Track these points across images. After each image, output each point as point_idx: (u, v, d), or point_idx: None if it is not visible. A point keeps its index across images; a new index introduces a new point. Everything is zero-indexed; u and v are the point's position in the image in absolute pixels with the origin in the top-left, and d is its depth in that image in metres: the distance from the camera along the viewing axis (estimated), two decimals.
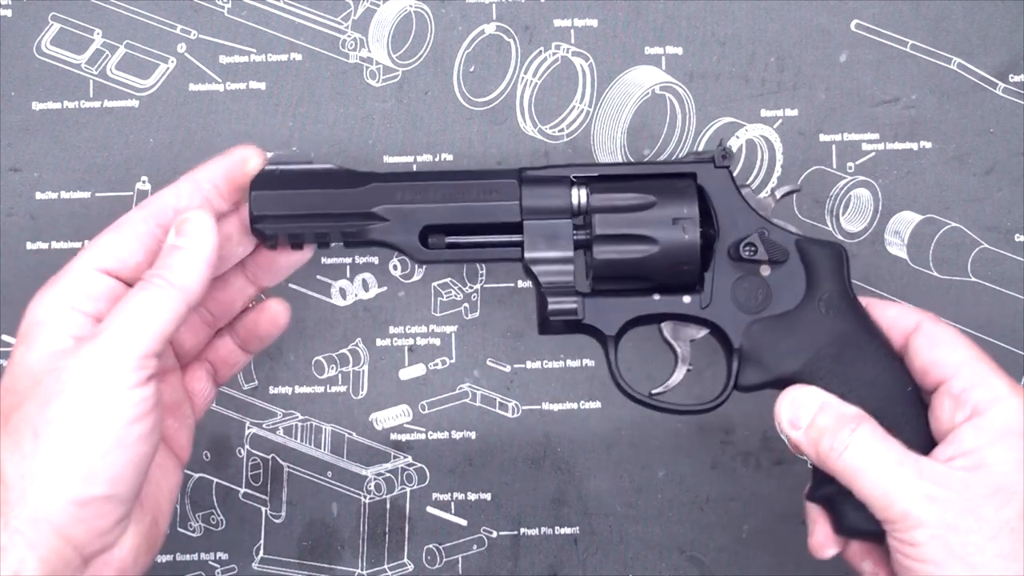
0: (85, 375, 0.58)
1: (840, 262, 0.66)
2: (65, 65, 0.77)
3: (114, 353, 0.58)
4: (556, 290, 0.66)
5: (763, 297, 0.66)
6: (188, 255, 0.61)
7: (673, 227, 0.65)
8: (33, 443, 0.57)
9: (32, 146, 0.77)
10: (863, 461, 0.60)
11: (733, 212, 0.66)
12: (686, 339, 0.67)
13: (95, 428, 0.57)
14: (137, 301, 0.60)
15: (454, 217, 0.66)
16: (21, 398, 0.59)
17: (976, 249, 0.77)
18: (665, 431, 0.77)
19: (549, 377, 0.78)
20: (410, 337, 0.78)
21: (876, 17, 0.77)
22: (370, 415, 0.78)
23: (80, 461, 0.57)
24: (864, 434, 0.61)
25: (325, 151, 0.77)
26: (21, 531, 0.57)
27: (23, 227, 0.77)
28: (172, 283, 0.60)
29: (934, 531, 0.58)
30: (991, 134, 0.77)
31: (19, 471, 0.57)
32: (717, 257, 0.66)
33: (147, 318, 0.59)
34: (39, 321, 0.61)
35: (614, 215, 0.65)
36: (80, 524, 0.57)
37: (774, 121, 0.77)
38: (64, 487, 0.57)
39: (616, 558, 0.78)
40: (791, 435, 0.63)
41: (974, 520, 0.58)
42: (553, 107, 0.78)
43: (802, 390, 0.64)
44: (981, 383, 0.62)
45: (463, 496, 0.78)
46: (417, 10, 0.77)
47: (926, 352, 0.63)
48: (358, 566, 0.77)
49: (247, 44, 0.78)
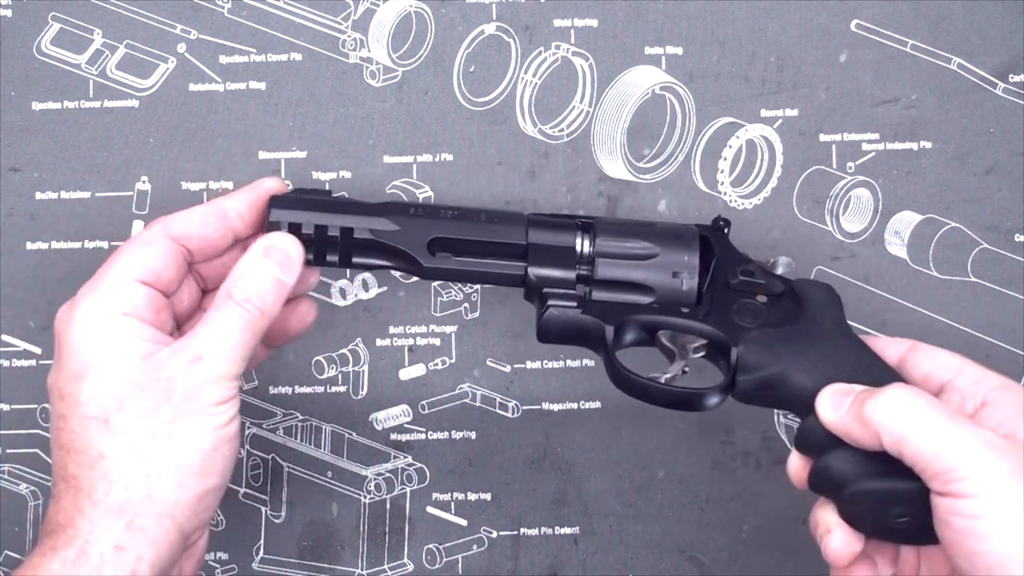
0: (194, 388, 0.62)
1: (836, 297, 0.67)
2: (65, 65, 0.77)
3: (217, 372, 0.63)
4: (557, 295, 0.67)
5: (762, 316, 0.67)
6: (278, 285, 0.65)
7: (673, 280, 0.67)
8: (151, 442, 0.61)
9: (32, 146, 0.77)
10: (914, 410, 0.57)
11: (731, 257, 0.68)
12: (683, 345, 0.68)
13: (206, 429, 0.62)
14: (232, 324, 0.64)
15: (463, 233, 0.68)
16: (115, 402, 0.62)
17: (976, 249, 0.77)
18: (665, 431, 0.78)
19: (549, 377, 0.78)
20: (410, 337, 0.78)
21: (876, 17, 0.77)
22: (370, 415, 0.78)
23: (199, 457, 0.62)
24: (907, 389, 0.59)
25: (325, 151, 0.77)
26: (144, 528, 0.60)
27: (23, 227, 0.77)
28: (263, 311, 0.65)
29: (988, 479, 0.54)
30: (991, 134, 0.77)
31: (142, 470, 0.61)
32: (715, 281, 0.67)
33: (241, 341, 0.64)
34: (94, 330, 0.63)
35: (617, 261, 0.67)
36: (194, 517, 0.63)
37: (774, 121, 0.77)
38: (190, 481, 0.62)
39: (616, 558, 0.78)
40: (831, 418, 0.60)
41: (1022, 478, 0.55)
42: (553, 107, 0.78)
43: (837, 384, 0.62)
44: (984, 377, 0.62)
45: (463, 496, 0.78)
46: (417, 10, 0.77)
47: (925, 362, 0.64)
48: (358, 566, 0.77)
49: (247, 44, 0.78)
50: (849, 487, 0.60)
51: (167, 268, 0.66)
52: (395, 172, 0.77)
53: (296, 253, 0.66)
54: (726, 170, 0.77)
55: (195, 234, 0.67)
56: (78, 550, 0.60)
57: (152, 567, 0.61)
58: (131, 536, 0.60)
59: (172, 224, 0.67)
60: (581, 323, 0.67)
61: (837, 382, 0.62)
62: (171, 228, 0.67)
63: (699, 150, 0.77)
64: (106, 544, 0.60)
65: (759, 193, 0.77)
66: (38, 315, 0.77)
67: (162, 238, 0.67)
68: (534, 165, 0.77)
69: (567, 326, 0.67)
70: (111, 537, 0.60)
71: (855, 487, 0.60)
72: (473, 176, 0.77)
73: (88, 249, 0.77)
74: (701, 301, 0.67)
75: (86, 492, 0.61)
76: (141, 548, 0.60)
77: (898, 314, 0.77)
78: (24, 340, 0.77)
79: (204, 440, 0.62)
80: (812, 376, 0.64)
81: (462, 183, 0.77)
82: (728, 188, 0.77)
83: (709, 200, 0.77)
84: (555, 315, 0.66)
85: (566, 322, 0.67)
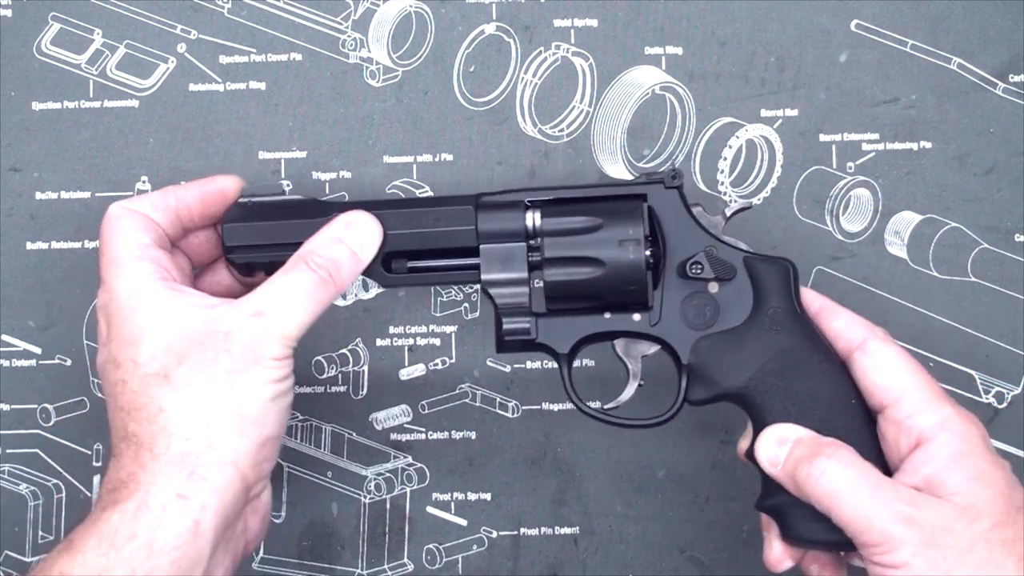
0: (253, 341, 0.62)
1: (787, 277, 0.67)
2: (65, 65, 0.77)
3: (278, 329, 0.63)
4: (511, 311, 0.67)
5: (711, 314, 0.67)
6: (353, 259, 0.66)
7: (619, 248, 0.66)
8: (211, 391, 0.61)
9: (32, 146, 0.77)
10: (841, 485, 0.61)
11: (682, 231, 0.67)
12: (638, 355, 0.68)
13: (265, 381, 0.62)
14: (299, 284, 0.64)
15: (414, 244, 0.68)
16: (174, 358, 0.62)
17: (976, 249, 0.77)
18: (665, 431, 0.77)
19: (549, 377, 0.78)
20: (410, 337, 0.78)
21: (876, 17, 0.77)
22: (370, 415, 0.78)
23: (257, 406, 0.62)
24: (842, 458, 0.61)
25: (325, 151, 0.77)
26: (207, 478, 0.60)
27: (23, 227, 0.77)
28: (336, 283, 0.65)
29: (915, 549, 0.58)
30: (991, 134, 0.77)
31: (202, 420, 0.61)
32: (666, 275, 0.67)
33: (305, 304, 0.64)
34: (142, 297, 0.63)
35: (563, 238, 0.67)
36: (256, 466, 0.62)
37: (774, 121, 0.77)
38: (250, 429, 0.62)
39: (616, 558, 0.78)
40: (770, 472, 0.64)
41: (950, 536, 0.58)
42: (553, 107, 0.78)
43: (778, 428, 0.64)
44: (923, 409, 0.62)
45: (463, 496, 0.78)
46: (417, 10, 0.77)
47: (870, 374, 0.64)
48: (358, 566, 0.77)
49: (247, 44, 0.78)
50: (795, 532, 0.64)
51: (157, 229, 0.66)
52: (395, 172, 0.77)
53: (376, 236, 0.67)
54: (726, 170, 0.77)
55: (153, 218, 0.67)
56: (139, 501, 0.59)
57: (216, 516, 0.60)
58: (193, 485, 0.60)
59: (134, 205, 0.67)
60: (536, 346, 0.68)
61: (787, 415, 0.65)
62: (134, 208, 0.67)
63: (699, 150, 0.77)
64: (168, 494, 0.60)
65: (759, 193, 0.77)
66: (38, 315, 0.77)
67: (131, 212, 0.66)
68: (534, 165, 0.77)
69: (523, 347, 0.68)
70: (173, 487, 0.60)
71: (802, 534, 0.64)
72: (473, 176, 0.77)
73: (88, 249, 0.77)
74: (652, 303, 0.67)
75: (147, 447, 0.61)
76: (204, 497, 0.60)
77: (898, 314, 0.77)
78: (24, 340, 0.77)
79: (263, 390, 0.62)
80: (761, 394, 0.65)
81: (462, 183, 0.77)
82: (728, 188, 0.77)
83: (709, 200, 0.77)
84: (510, 341, 0.67)
85: (521, 344, 0.68)
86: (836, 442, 0.63)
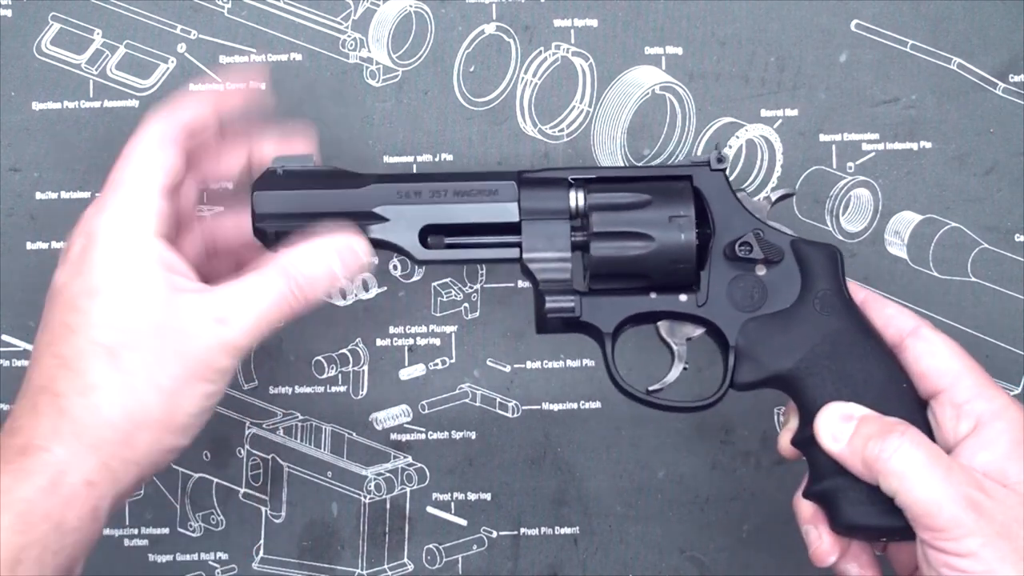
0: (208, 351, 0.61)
1: (835, 262, 0.66)
2: (65, 65, 0.77)
3: (236, 341, 0.61)
4: (554, 288, 0.66)
5: (759, 296, 0.66)
6: (331, 281, 0.64)
7: (669, 225, 0.65)
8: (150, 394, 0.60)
9: (32, 146, 0.77)
10: (914, 464, 0.59)
11: (729, 214, 0.66)
12: (683, 337, 0.68)
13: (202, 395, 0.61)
14: (270, 294, 0.62)
15: (453, 217, 0.66)
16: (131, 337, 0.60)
17: (976, 249, 0.77)
18: (665, 431, 0.78)
19: (549, 377, 0.78)
20: (410, 337, 0.78)
21: (876, 17, 0.77)
22: (370, 415, 0.78)
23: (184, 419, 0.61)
24: (915, 438, 0.60)
25: (325, 151, 0.77)
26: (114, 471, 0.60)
27: (23, 227, 0.77)
28: (307, 300, 0.64)
29: (985, 539, 0.57)
30: (991, 134, 0.77)
31: (131, 417, 0.60)
32: (713, 256, 0.66)
33: (271, 315, 0.62)
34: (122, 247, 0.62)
35: (611, 213, 0.66)
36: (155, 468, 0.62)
37: (774, 121, 0.77)
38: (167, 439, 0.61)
39: (616, 558, 0.78)
40: (832, 449, 0.62)
41: (1020, 528, 0.57)
42: (553, 107, 0.78)
43: (841, 405, 0.63)
44: (981, 395, 0.61)
45: (463, 496, 0.78)
46: (417, 10, 0.77)
47: (925, 359, 0.64)
48: (358, 566, 0.77)
49: (247, 44, 0.78)
50: (847, 517, 0.63)
51: (181, 171, 0.64)
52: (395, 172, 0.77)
53: (362, 262, 0.65)
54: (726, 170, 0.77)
55: (199, 127, 0.66)
56: (52, 479, 0.58)
57: (111, 506, 0.60)
58: (101, 475, 0.60)
59: (181, 116, 0.65)
60: (579, 325, 0.66)
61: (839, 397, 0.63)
62: (182, 120, 0.65)
63: (699, 150, 0.77)
64: (79, 478, 0.59)
65: (759, 193, 0.77)
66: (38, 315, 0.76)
67: (174, 138, 0.64)
68: (534, 165, 0.77)
69: (565, 326, 0.67)
70: (84, 471, 0.59)
71: (854, 520, 0.63)
72: None
73: None
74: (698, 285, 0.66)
75: (70, 417, 0.59)
76: (107, 487, 0.60)
77: None
78: (24, 340, 0.77)
79: (196, 404, 0.61)
80: (812, 376, 0.64)
81: None
82: None
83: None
84: (552, 319, 0.66)
85: (564, 323, 0.66)
86: (904, 422, 0.61)
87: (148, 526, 0.78)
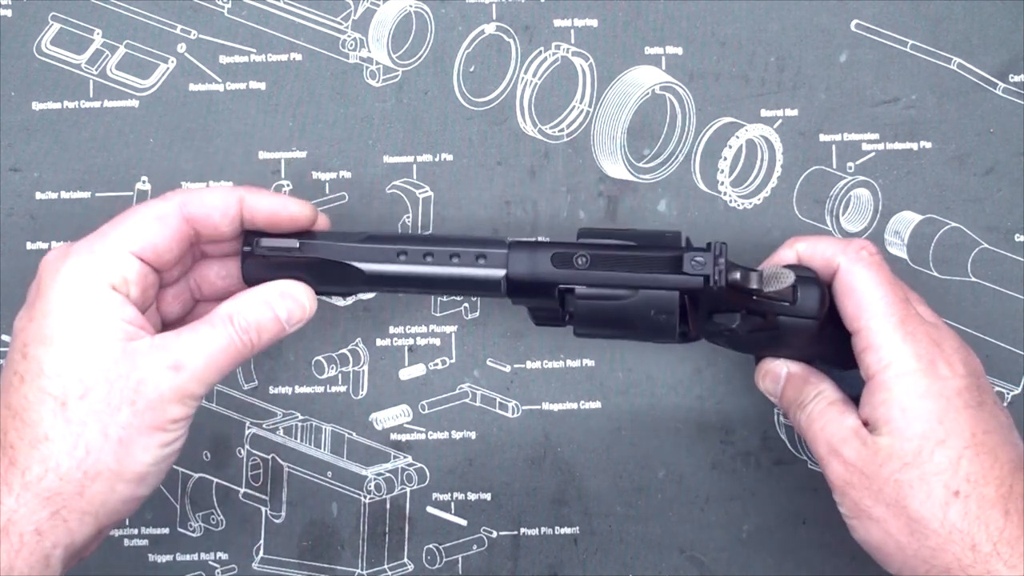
0: (161, 399, 0.61)
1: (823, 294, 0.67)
2: (65, 65, 0.77)
3: (190, 388, 0.62)
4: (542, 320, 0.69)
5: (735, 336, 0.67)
6: (278, 330, 0.65)
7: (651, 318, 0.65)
8: (101, 443, 0.60)
9: (32, 146, 0.77)
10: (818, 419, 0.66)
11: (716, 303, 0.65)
12: None
13: (157, 445, 0.62)
14: (221, 345, 0.63)
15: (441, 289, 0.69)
16: (80, 387, 0.60)
17: (976, 249, 0.77)
18: (665, 431, 0.77)
19: (549, 377, 0.78)
20: (410, 337, 0.78)
21: (876, 17, 0.77)
22: (370, 415, 0.78)
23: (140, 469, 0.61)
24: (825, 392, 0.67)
25: (325, 151, 0.77)
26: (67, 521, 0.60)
27: (23, 227, 0.77)
28: (254, 346, 0.64)
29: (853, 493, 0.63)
30: (991, 134, 0.77)
31: (82, 468, 0.60)
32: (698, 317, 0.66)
33: (223, 365, 0.63)
34: (77, 295, 0.62)
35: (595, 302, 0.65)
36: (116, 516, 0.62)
37: (774, 121, 0.77)
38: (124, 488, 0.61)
39: (616, 558, 0.78)
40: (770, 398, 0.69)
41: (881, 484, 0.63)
42: (553, 107, 0.78)
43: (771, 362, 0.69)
44: (878, 344, 0.64)
45: (463, 496, 0.78)
46: (417, 10, 0.77)
47: (839, 300, 0.66)
48: (358, 566, 0.77)
49: (247, 44, 0.78)
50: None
51: (170, 249, 0.64)
52: (395, 172, 0.77)
53: (308, 312, 0.66)
54: (726, 170, 0.77)
55: (211, 221, 0.65)
56: (1, 528, 0.59)
57: (65, 554, 0.60)
58: (53, 525, 0.60)
59: (191, 203, 0.65)
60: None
61: None
62: (189, 207, 0.65)
63: (699, 150, 0.77)
64: (28, 526, 0.59)
65: (759, 193, 0.77)
66: None
67: (176, 216, 0.65)
68: (534, 165, 0.77)
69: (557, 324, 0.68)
70: (34, 521, 0.59)
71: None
72: (473, 176, 0.77)
73: None
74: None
75: (20, 468, 0.60)
76: (59, 536, 0.60)
77: None
78: None
79: (151, 454, 0.61)
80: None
81: (462, 183, 0.77)
82: (728, 188, 0.77)
83: (709, 200, 0.77)
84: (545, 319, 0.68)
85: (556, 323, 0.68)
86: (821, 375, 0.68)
87: (148, 526, 0.78)
